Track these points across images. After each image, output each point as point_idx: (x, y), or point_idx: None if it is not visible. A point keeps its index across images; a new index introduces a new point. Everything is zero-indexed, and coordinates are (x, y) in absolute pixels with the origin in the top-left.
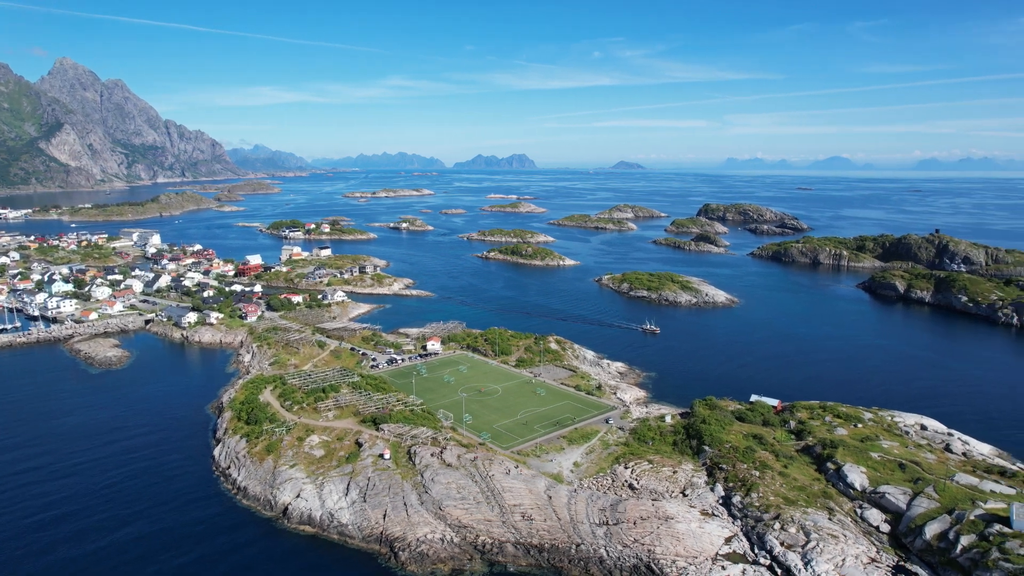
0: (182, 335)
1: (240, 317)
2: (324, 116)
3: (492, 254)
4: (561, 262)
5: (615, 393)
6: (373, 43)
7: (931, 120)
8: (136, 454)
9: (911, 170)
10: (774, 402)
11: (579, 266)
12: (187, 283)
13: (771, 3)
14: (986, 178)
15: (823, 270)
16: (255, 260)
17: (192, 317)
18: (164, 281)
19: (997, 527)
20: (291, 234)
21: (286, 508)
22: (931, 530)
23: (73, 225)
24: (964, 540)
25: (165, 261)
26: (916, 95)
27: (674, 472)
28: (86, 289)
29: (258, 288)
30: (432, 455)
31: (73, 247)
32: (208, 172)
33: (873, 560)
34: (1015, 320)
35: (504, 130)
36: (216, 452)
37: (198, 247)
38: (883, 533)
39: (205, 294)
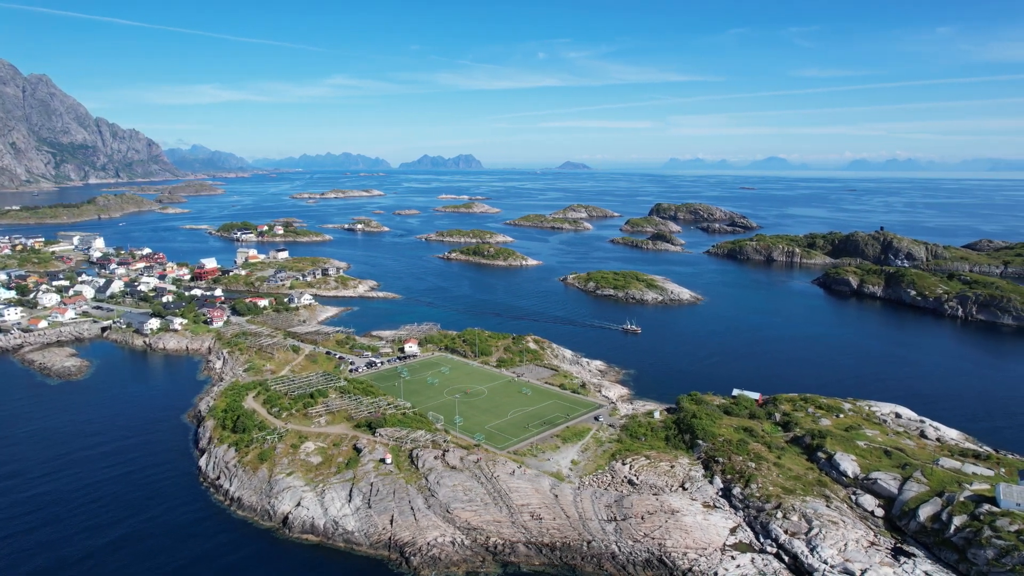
0: (145, 342)
1: (205, 322)
2: (265, 116)
3: (453, 255)
4: (524, 262)
5: (599, 391)
6: (316, 41)
7: (860, 123)
8: (113, 468)
9: (843, 170)
10: (755, 395)
11: (542, 266)
12: (142, 288)
13: (712, 7)
14: (911, 178)
15: (777, 267)
16: (211, 264)
17: (154, 323)
18: (117, 286)
19: (986, 507)
20: (243, 236)
21: (286, 517)
22: (924, 512)
23: None
24: (957, 520)
25: (113, 265)
26: (847, 99)
27: (671, 467)
28: (31, 296)
29: (219, 292)
30: (435, 458)
31: (7, 251)
32: (145, 173)
33: (872, 544)
34: (960, 312)
35: (450, 130)
36: (202, 463)
37: (147, 251)
38: (878, 518)
39: (164, 299)
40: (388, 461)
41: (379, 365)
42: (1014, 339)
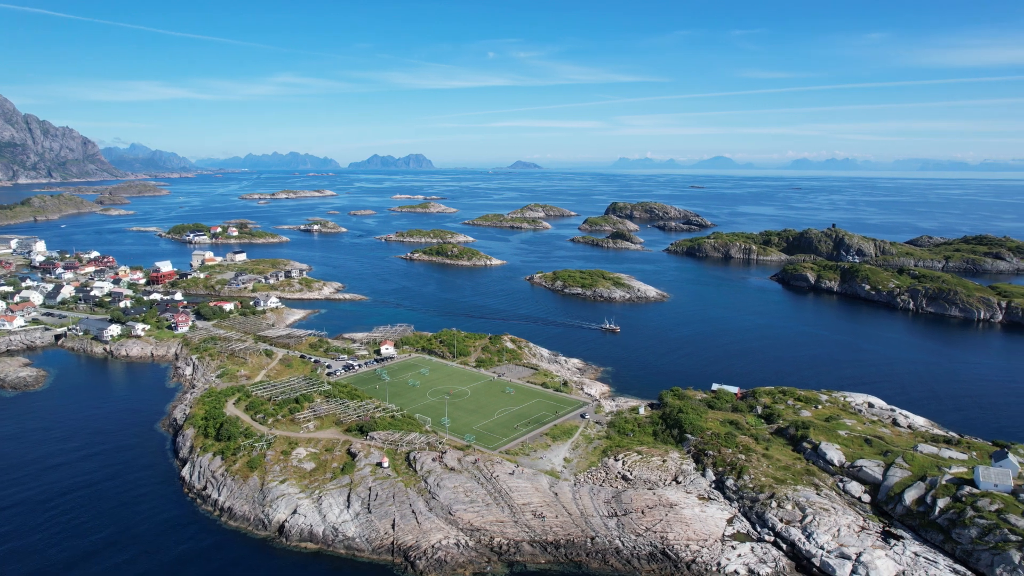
0: (105, 349)
1: (169, 327)
2: (208, 114)
3: (416, 255)
4: (488, 262)
5: (582, 388)
6: (260, 38)
7: (801, 123)
8: (90, 484)
9: (786, 169)
10: (734, 389)
11: (506, 265)
12: (96, 293)
13: (659, 9)
14: (850, 177)
15: (735, 264)
16: (167, 267)
17: (115, 330)
18: (67, 292)
19: (967, 489)
20: (196, 239)
21: (282, 526)
22: (910, 496)
23: None
24: (941, 503)
25: (59, 270)
26: (788, 100)
27: (663, 461)
28: None
29: (179, 296)
30: (433, 460)
31: None
32: (80, 173)
33: (863, 528)
34: (911, 305)
35: (400, 129)
36: (185, 473)
37: (95, 254)
38: (865, 503)
39: (122, 304)
40: (385, 465)
41: (357, 368)
42: (961, 330)
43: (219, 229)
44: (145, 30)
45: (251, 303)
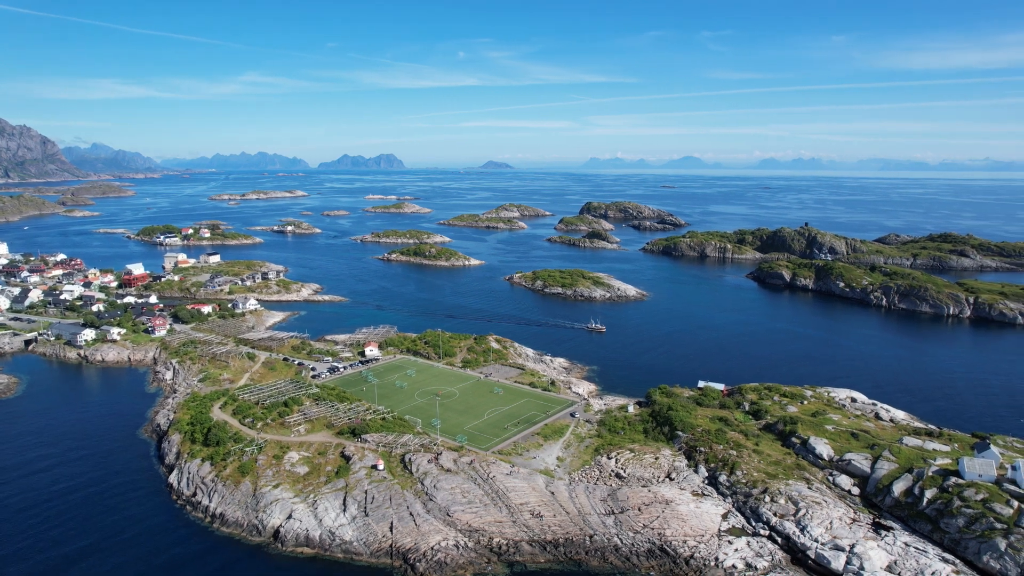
0: (79, 355)
1: (146, 331)
2: (173, 113)
3: (393, 256)
4: (466, 262)
5: (569, 387)
6: (226, 36)
7: (768, 123)
8: (73, 493)
9: (754, 168)
10: (720, 386)
11: (484, 265)
12: (66, 297)
13: (629, 10)
14: (816, 176)
15: (710, 262)
16: (139, 270)
17: (89, 334)
18: (36, 295)
19: (953, 479)
20: (167, 240)
21: (277, 531)
22: (898, 488)
23: None
24: (928, 494)
25: (24, 273)
26: (756, 100)
27: (656, 458)
28: None
29: (154, 299)
30: (429, 462)
31: None
32: (40, 173)
33: (855, 520)
34: (884, 302)
35: (371, 129)
36: (172, 479)
37: (61, 256)
38: (855, 496)
39: (95, 308)
40: (380, 467)
41: (342, 370)
42: (932, 325)
43: (190, 231)
44: (104, 26)
45: (229, 305)
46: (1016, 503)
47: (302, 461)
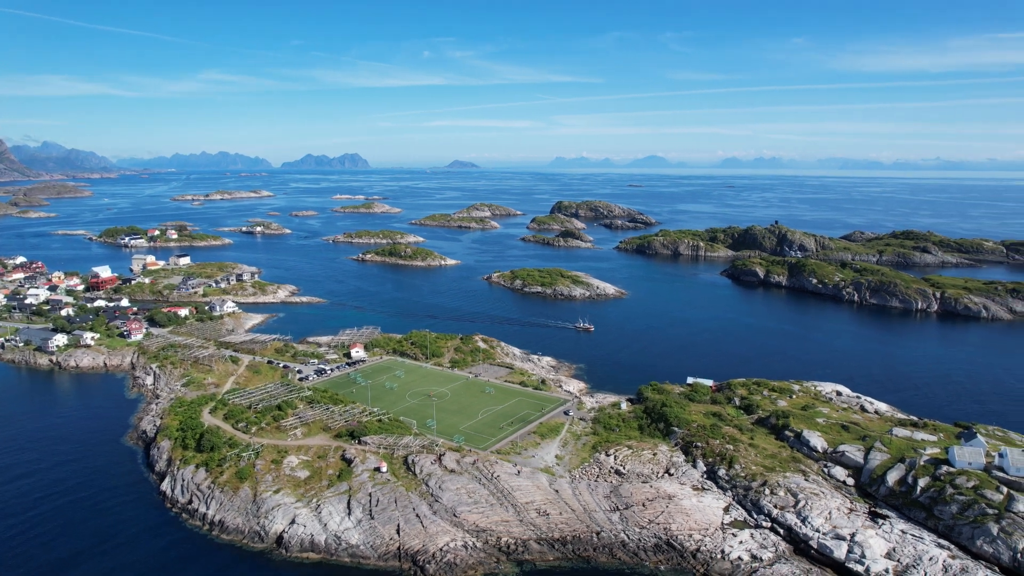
0: (51, 361)
1: (122, 335)
2: (129, 111)
3: (368, 256)
4: (443, 262)
5: (559, 386)
6: (183, 33)
7: (731, 123)
8: (59, 507)
9: (717, 167)
10: (709, 382)
11: (461, 265)
12: (31, 301)
13: (593, 11)
14: (779, 175)
15: (684, 260)
16: (106, 272)
17: (61, 339)
18: None
19: (944, 468)
20: (133, 242)
21: (281, 537)
22: (892, 477)
23: None
24: (922, 482)
25: None
26: (718, 100)
27: (653, 454)
28: None
29: (125, 302)
30: (432, 463)
31: None
32: None
33: (852, 510)
34: (855, 297)
35: (335, 128)
36: (165, 487)
37: (21, 259)
38: (850, 486)
39: (63, 312)
40: (383, 469)
41: (330, 372)
42: (902, 319)
43: (157, 232)
44: (53, 20)
45: (206, 308)
46: (1006, 489)
47: (302, 465)
